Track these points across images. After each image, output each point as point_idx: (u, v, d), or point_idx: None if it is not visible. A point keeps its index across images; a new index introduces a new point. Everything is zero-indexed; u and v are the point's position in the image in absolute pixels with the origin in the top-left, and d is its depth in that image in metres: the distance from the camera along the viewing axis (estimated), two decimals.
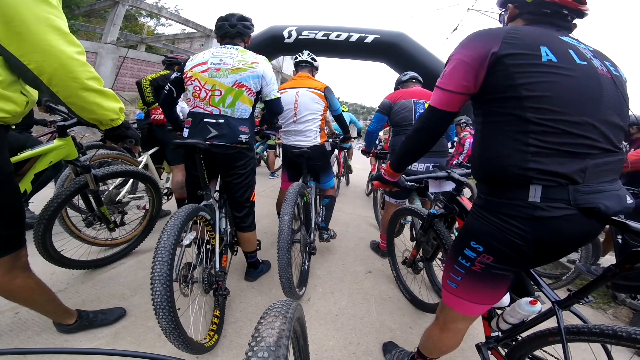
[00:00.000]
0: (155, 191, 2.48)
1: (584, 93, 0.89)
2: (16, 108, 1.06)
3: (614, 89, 0.93)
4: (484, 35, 0.99)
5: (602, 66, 0.94)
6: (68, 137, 1.67)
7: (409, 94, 2.57)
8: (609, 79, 0.93)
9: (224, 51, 1.88)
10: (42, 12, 0.96)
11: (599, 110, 0.89)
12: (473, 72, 0.97)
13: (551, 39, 0.94)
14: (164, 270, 1.25)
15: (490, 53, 0.93)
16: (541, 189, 0.88)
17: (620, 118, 0.94)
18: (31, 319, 1.66)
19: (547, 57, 0.89)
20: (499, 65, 0.93)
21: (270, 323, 0.64)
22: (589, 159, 0.88)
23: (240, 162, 1.95)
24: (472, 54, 0.97)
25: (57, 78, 1.02)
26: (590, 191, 0.87)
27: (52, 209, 1.72)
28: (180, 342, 1.28)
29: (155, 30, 18.72)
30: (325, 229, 2.72)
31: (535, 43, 0.92)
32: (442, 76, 1.07)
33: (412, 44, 6.64)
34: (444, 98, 1.06)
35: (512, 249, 0.95)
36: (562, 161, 0.87)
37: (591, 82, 0.90)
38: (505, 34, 0.94)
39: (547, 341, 1.10)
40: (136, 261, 2.41)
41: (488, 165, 1.00)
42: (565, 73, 0.89)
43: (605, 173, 0.90)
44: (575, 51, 0.93)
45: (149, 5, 11.45)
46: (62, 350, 0.47)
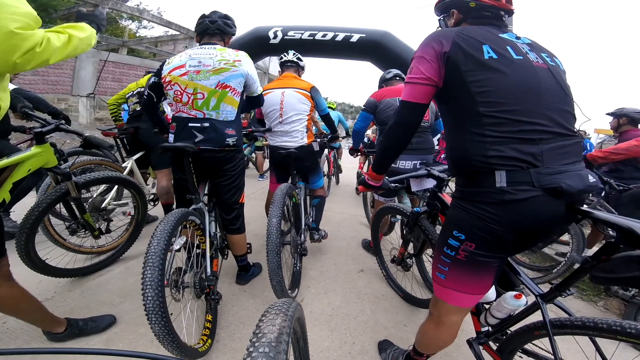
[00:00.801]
0: (140, 197, 2.43)
1: (522, 84, 0.98)
2: None
3: (552, 78, 1.02)
4: (438, 35, 1.10)
5: (537, 58, 1.04)
6: (46, 143, 1.62)
7: (393, 92, 2.58)
8: (545, 69, 1.03)
9: (201, 52, 1.83)
10: None
11: (540, 98, 0.98)
12: (436, 67, 1.07)
13: (492, 38, 1.05)
14: (155, 275, 1.23)
15: (443, 52, 1.04)
16: (505, 173, 0.95)
17: (564, 103, 1.02)
18: (20, 328, 1.62)
19: (489, 54, 1.00)
20: (451, 64, 1.03)
21: (271, 320, 0.66)
22: (543, 144, 0.95)
23: (229, 164, 1.92)
24: (430, 51, 1.07)
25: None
26: (552, 172, 0.93)
27: (33, 217, 1.68)
28: (174, 347, 1.26)
29: (137, 33, 18.42)
30: (316, 229, 2.71)
31: (479, 42, 1.02)
32: (409, 72, 1.15)
33: (397, 43, 6.69)
34: (412, 90, 1.13)
35: (490, 235, 0.99)
36: (518, 147, 0.94)
37: (528, 73, 1.00)
38: (455, 35, 1.05)
39: (534, 335, 1.13)
40: (124, 268, 2.36)
41: (457, 159, 1.08)
42: (503, 68, 0.98)
43: (564, 155, 0.97)
44: (513, 47, 1.04)
45: (130, 8, 11.24)
46: (62, 350, 0.47)
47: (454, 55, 1.02)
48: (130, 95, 3.00)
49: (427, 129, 2.59)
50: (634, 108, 3.03)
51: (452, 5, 1.22)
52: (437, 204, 1.67)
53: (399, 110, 1.18)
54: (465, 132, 1.03)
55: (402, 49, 6.63)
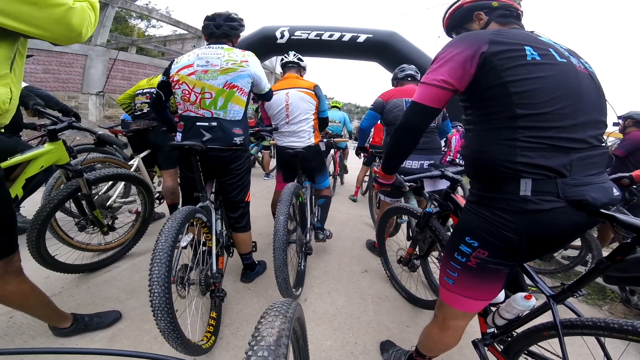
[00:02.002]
0: (148, 194, 2.45)
1: (566, 88, 0.94)
2: (3, 101, 1.00)
3: (592, 84, 0.99)
4: (472, 37, 1.04)
5: (579, 63, 1.00)
6: (59, 141, 1.65)
7: (401, 93, 2.58)
8: (587, 74, 0.99)
9: (209, 52, 1.84)
10: None
11: (580, 104, 0.94)
12: (460, 70, 1.01)
13: (533, 40, 1.01)
14: (162, 272, 1.24)
15: (480, 53, 0.98)
16: (531, 182, 0.91)
17: (600, 112, 0.99)
18: (26, 323, 1.64)
19: (532, 55, 0.95)
20: (487, 64, 0.97)
21: (270, 322, 0.65)
22: (574, 153, 0.92)
23: (235, 163, 1.93)
24: (461, 53, 1.01)
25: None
26: (578, 184, 0.91)
27: (45, 213, 1.70)
28: (179, 343, 1.27)
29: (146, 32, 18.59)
30: (321, 229, 2.71)
31: (519, 43, 0.98)
32: (428, 72, 1.10)
33: (404, 43, 6.68)
34: (427, 92, 1.08)
35: (506, 243, 0.97)
36: (549, 155, 0.91)
37: (571, 78, 0.95)
38: (492, 36, 1.00)
39: (542, 336, 1.12)
40: (131, 264, 2.39)
41: (480, 162, 1.03)
42: (547, 70, 0.94)
43: (590, 166, 0.94)
44: (556, 50, 0.99)
45: (139, 7, 11.36)
46: (62, 350, 0.47)
47: (492, 55, 0.97)
48: (139, 93, 3.00)
49: (434, 129, 2.59)
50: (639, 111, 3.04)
51: (476, 8, 1.19)
52: (449, 205, 1.66)
53: (409, 111, 1.15)
54: (493, 134, 0.99)
55: (409, 50, 6.61)
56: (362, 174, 4.95)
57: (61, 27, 0.95)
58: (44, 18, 0.91)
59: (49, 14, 0.91)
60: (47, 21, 0.92)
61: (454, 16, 1.27)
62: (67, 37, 0.98)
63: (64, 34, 0.97)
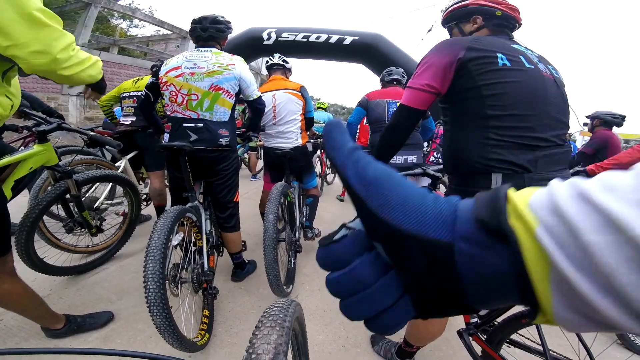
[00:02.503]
0: (135, 195, 2.44)
1: (532, 92, 1.03)
2: (2, 112, 1.08)
3: (556, 89, 1.08)
4: (452, 43, 1.12)
5: (545, 69, 1.09)
6: (48, 142, 1.64)
7: (384, 94, 2.70)
8: (552, 80, 1.09)
9: (197, 54, 1.88)
10: (23, 7, 0.95)
11: (545, 107, 1.03)
12: (442, 74, 1.10)
13: (505, 47, 1.09)
14: (156, 268, 1.27)
15: (457, 59, 1.07)
16: (501, 177, 1.00)
17: (563, 115, 1.08)
18: (17, 325, 1.63)
19: (502, 62, 1.04)
20: (463, 69, 1.06)
21: (265, 337, 0.60)
22: (539, 151, 1.01)
23: (222, 163, 1.96)
24: (442, 58, 1.10)
25: (50, 73, 1.07)
26: (542, 178, 1.00)
27: (34, 215, 1.69)
28: (175, 339, 1.30)
29: (128, 32, 18.25)
30: (310, 227, 2.76)
31: (493, 50, 1.06)
32: (413, 77, 1.19)
33: (389, 45, 6.79)
34: (414, 96, 1.17)
35: None
36: (517, 152, 1.00)
37: (538, 83, 1.05)
38: (469, 43, 1.08)
39: (521, 323, 1.19)
40: (119, 266, 2.38)
41: (456, 158, 1.13)
42: (516, 75, 1.03)
43: (554, 163, 1.04)
44: (525, 57, 1.09)
45: (122, 6, 11.16)
46: (62, 350, 0.46)
47: (468, 61, 1.06)
48: (125, 96, 2.96)
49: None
50: (606, 111, 3.23)
51: (477, 12, 1.24)
52: None
53: (397, 113, 1.24)
54: (469, 133, 1.08)
55: (393, 52, 6.73)
56: None
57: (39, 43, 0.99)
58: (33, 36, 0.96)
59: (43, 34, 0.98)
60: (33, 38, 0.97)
61: (456, 12, 1.32)
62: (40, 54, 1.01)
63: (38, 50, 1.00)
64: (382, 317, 0.25)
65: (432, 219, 0.22)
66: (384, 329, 0.26)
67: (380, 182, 0.23)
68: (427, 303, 0.24)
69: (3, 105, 1.08)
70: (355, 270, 0.25)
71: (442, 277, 0.22)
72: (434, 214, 0.22)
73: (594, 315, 0.19)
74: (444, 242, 0.21)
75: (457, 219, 0.22)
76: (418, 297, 0.24)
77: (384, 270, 0.25)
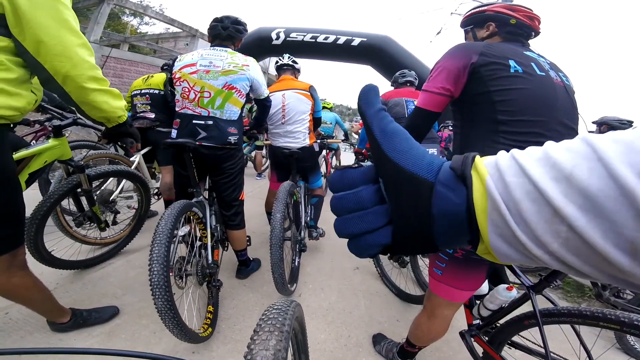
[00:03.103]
0: (145, 191, 2.48)
1: (542, 99, 1.04)
2: (26, 106, 1.12)
3: (566, 96, 1.09)
4: (466, 48, 1.14)
5: (557, 76, 1.11)
6: (63, 137, 1.68)
7: (399, 94, 2.78)
8: (562, 87, 1.10)
9: (213, 53, 1.91)
10: (59, 13, 1.04)
11: (555, 113, 1.04)
12: (454, 78, 1.12)
13: (517, 54, 1.11)
14: (162, 252, 1.31)
15: (470, 63, 1.09)
16: None
17: (572, 121, 1.09)
18: (22, 318, 1.65)
19: (515, 68, 1.06)
20: (476, 74, 1.08)
21: (264, 342, 0.59)
22: None
23: (228, 162, 1.99)
24: (455, 62, 1.12)
25: (70, 79, 1.10)
26: None
27: (44, 209, 1.72)
28: (175, 324, 1.31)
29: (138, 30, 18.42)
30: (315, 227, 2.78)
31: (505, 57, 1.08)
32: (428, 81, 1.21)
33: (397, 48, 6.78)
34: (429, 99, 1.20)
35: None
36: None
37: (548, 89, 1.06)
38: (482, 48, 1.10)
39: (523, 325, 1.20)
40: (125, 261, 2.41)
41: None
42: (528, 82, 1.04)
43: None
44: (536, 64, 1.10)
45: (134, 4, 11.26)
46: (61, 350, 0.45)
47: (480, 66, 1.08)
48: (136, 93, 3.01)
49: None
50: (614, 116, 3.24)
51: (491, 19, 1.26)
52: None
53: (413, 115, 1.27)
54: (478, 136, 1.10)
55: (401, 54, 6.72)
56: None
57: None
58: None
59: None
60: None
61: (473, 17, 1.34)
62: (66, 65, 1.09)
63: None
64: (365, 237, 0.32)
65: (425, 165, 0.30)
66: (361, 248, 0.33)
67: (395, 134, 0.32)
68: (403, 232, 0.31)
69: (28, 99, 1.13)
70: (360, 192, 0.33)
71: (421, 211, 0.29)
72: (427, 163, 0.30)
73: (515, 243, 0.26)
74: (429, 182, 0.29)
75: (441, 169, 0.30)
76: (398, 226, 0.31)
77: (379, 201, 0.33)
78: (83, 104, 1.20)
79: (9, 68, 1.04)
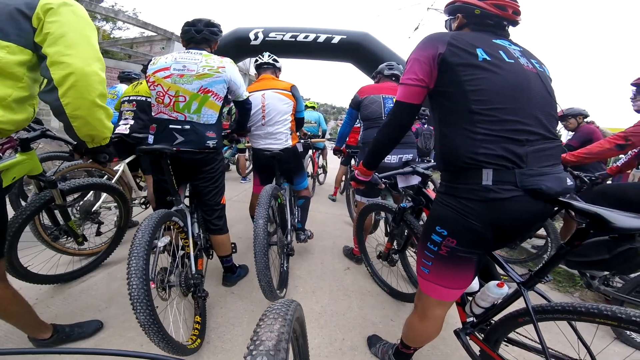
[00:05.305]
0: (123, 202, 2.39)
1: (514, 86, 1.04)
2: (24, 121, 1.18)
3: (540, 83, 1.09)
4: (433, 38, 1.15)
5: (528, 63, 1.10)
6: (32, 150, 1.58)
7: (377, 89, 2.60)
8: (535, 73, 1.10)
9: (187, 57, 1.85)
10: (86, 30, 1.17)
11: (529, 100, 1.04)
12: (427, 68, 1.12)
13: (485, 42, 1.11)
14: (140, 265, 1.26)
15: (438, 53, 1.09)
16: (492, 172, 1.00)
17: (549, 107, 1.09)
18: (4, 335, 1.58)
19: (482, 56, 1.05)
20: (445, 64, 1.08)
21: (269, 326, 0.64)
22: (528, 145, 1.00)
23: (208, 166, 1.94)
24: (425, 54, 1.13)
25: (75, 89, 1.12)
26: (534, 174, 0.99)
27: (17, 224, 1.64)
28: (160, 338, 1.27)
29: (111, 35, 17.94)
30: (302, 229, 2.73)
31: (472, 45, 1.08)
32: (404, 74, 1.21)
33: (376, 44, 6.80)
34: (406, 91, 1.19)
35: (471, 231, 1.05)
36: (506, 147, 0.99)
37: (520, 77, 1.06)
38: (450, 38, 1.10)
39: (517, 322, 1.19)
40: (107, 273, 2.32)
41: (447, 155, 1.12)
42: (496, 69, 1.04)
43: (546, 158, 1.03)
44: (505, 51, 1.10)
45: (105, 9, 10.95)
46: (61, 350, 0.47)
47: (449, 57, 1.07)
48: (125, 100, 2.93)
49: None
50: (578, 107, 3.59)
51: (458, 10, 1.26)
52: (422, 199, 1.74)
53: (393, 109, 1.26)
54: (456, 128, 1.07)
55: (381, 50, 6.74)
56: (341, 173, 5.01)
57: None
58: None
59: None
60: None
61: (446, 8, 1.34)
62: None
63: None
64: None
65: None
66: None
67: None
68: None
69: (28, 114, 1.19)
70: None
71: None
72: None
73: None
74: None
75: None
76: None
77: None
78: (77, 117, 1.18)
79: (26, 87, 1.14)
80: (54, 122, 8.73)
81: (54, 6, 1.12)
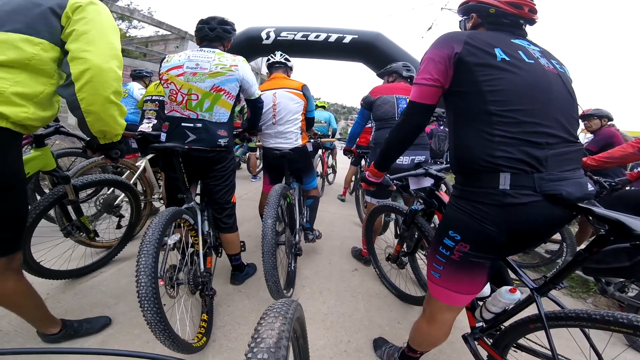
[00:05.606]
0: (135, 199, 2.43)
1: (534, 87, 1.00)
2: (50, 117, 1.22)
3: (561, 83, 1.05)
4: (449, 37, 1.12)
5: (548, 64, 1.06)
6: (45, 147, 1.61)
7: (390, 90, 2.56)
8: (555, 74, 1.05)
9: (200, 55, 1.86)
10: (107, 28, 1.22)
11: (550, 101, 1.00)
12: (443, 68, 1.09)
13: (504, 42, 1.07)
14: (149, 263, 1.27)
15: (454, 53, 1.06)
16: (510, 176, 0.96)
17: (570, 109, 1.04)
18: (13, 330, 1.60)
19: (501, 56, 1.02)
20: (462, 64, 1.05)
21: (270, 324, 0.64)
22: (549, 149, 0.96)
23: (219, 164, 1.94)
24: (440, 53, 1.10)
25: (90, 85, 1.15)
26: (554, 179, 0.95)
27: (30, 220, 1.67)
28: (166, 336, 1.27)
29: (127, 33, 18.22)
30: (310, 229, 2.72)
31: (490, 45, 1.04)
32: (418, 74, 1.18)
33: (388, 44, 6.73)
34: (421, 91, 1.16)
35: (486, 236, 1.01)
36: (525, 150, 0.95)
37: (540, 77, 1.02)
38: (467, 37, 1.07)
39: (528, 328, 1.15)
40: (117, 269, 2.35)
41: (462, 157, 1.08)
42: (516, 70, 1.00)
43: (566, 162, 0.99)
44: (524, 52, 1.06)
45: (121, 7, 11.13)
46: (60, 350, 0.46)
47: (465, 56, 1.04)
48: (147, 99, 2.99)
49: None
50: (601, 108, 3.41)
51: (473, 10, 1.23)
52: (434, 202, 1.70)
53: (407, 110, 1.23)
54: (473, 130, 1.04)
55: (393, 50, 6.67)
56: (351, 174, 4.99)
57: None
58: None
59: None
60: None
61: (461, 8, 1.32)
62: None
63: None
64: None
65: None
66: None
67: None
68: None
69: (54, 111, 1.24)
70: None
71: None
72: None
73: None
74: None
75: None
76: None
77: None
78: (90, 113, 1.21)
79: (55, 84, 1.19)
80: (71, 118, 8.92)
81: (82, 4, 1.18)
